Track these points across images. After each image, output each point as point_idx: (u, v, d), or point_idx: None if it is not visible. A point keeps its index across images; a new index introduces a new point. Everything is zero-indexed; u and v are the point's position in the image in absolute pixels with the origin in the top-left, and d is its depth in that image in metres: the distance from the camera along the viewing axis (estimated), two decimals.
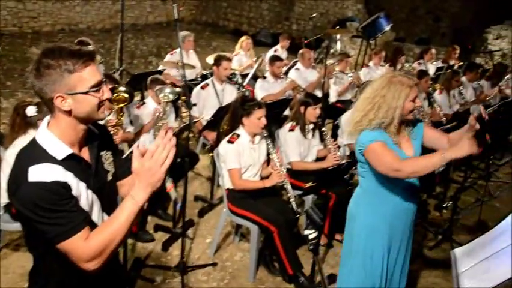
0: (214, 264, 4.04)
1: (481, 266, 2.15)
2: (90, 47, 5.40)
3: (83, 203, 1.73)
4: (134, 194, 1.63)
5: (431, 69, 7.87)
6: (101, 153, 1.90)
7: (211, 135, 5.31)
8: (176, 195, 1.69)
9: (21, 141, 3.47)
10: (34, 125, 3.53)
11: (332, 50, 9.49)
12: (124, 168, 1.99)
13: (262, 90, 6.11)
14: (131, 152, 1.96)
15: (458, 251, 2.44)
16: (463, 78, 6.78)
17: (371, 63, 7.74)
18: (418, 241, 4.52)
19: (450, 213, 4.69)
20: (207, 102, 5.64)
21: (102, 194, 1.85)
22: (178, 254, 4.02)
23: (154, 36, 13.99)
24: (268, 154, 4.00)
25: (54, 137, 1.71)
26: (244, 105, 3.89)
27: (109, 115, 4.24)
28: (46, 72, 1.63)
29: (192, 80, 6.58)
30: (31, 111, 3.50)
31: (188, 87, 4.96)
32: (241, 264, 4.09)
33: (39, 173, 1.60)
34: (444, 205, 5.16)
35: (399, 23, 13.80)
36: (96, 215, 1.82)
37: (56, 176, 1.62)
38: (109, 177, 1.93)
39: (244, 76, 6.87)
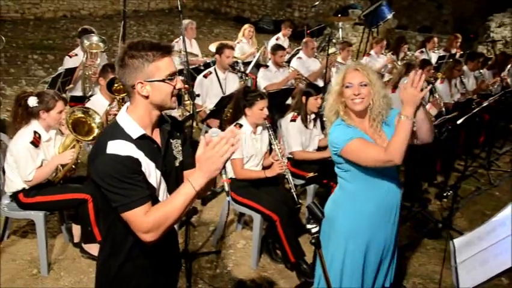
0: (217, 252, 4.11)
1: (478, 257, 2.18)
2: (94, 36, 5.40)
3: (152, 181, 1.92)
4: (193, 179, 1.78)
5: (433, 57, 7.86)
6: (172, 140, 2.07)
7: (215, 123, 5.35)
8: (229, 189, 1.85)
9: (24, 132, 3.51)
10: (36, 115, 3.55)
11: (333, 40, 9.45)
12: (190, 160, 2.13)
13: (265, 80, 6.12)
14: None
15: (457, 241, 2.48)
16: (465, 67, 6.77)
17: (372, 52, 7.72)
18: (418, 230, 4.59)
19: (450, 202, 4.73)
20: (209, 91, 5.67)
21: (169, 177, 2.03)
22: (181, 241, 4.06)
23: (156, 23, 13.96)
24: (271, 144, 4.05)
25: (131, 119, 1.92)
26: (246, 96, 3.91)
27: (110, 105, 4.29)
28: (130, 62, 1.86)
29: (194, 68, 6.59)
30: (32, 101, 3.51)
31: (190, 75, 4.99)
32: (244, 252, 4.16)
33: (116, 147, 1.81)
34: (444, 194, 5.20)
35: (401, 10, 13.75)
36: (162, 194, 2.00)
37: (130, 151, 1.83)
38: (177, 164, 2.09)
39: (246, 64, 6.89)
